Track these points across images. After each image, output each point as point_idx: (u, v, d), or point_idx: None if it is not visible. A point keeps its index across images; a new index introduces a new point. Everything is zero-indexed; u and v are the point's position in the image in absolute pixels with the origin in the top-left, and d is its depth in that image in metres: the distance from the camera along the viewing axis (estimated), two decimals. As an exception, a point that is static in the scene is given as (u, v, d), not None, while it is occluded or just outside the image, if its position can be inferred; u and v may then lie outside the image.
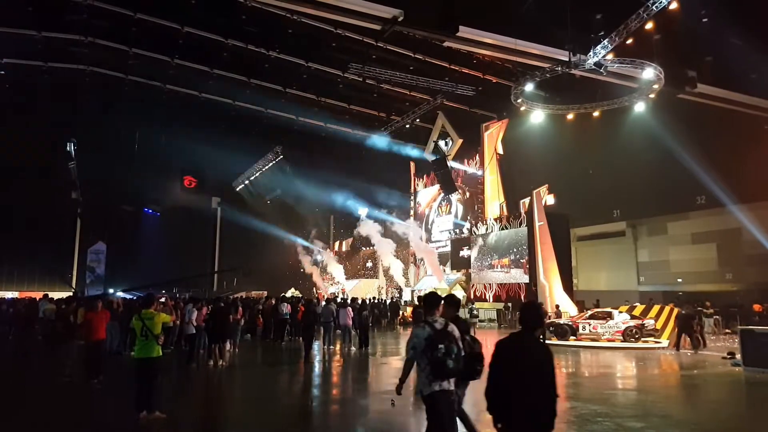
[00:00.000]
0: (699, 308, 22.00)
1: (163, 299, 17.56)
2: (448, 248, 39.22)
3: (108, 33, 29.65)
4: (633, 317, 20.48)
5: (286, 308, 20.88)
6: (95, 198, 44.02)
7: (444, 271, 37.96)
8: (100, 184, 42.19)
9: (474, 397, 6.66)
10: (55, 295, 25.75)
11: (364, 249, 46.49)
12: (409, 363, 5.63)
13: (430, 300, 5.82)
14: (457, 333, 5.58)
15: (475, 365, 6.21)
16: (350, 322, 18.82)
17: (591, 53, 23.02)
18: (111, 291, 38.52)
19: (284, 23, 26.43)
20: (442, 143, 39.68)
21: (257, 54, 29.98)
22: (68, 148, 39.97)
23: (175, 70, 32.58)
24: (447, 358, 5.36)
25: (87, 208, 45.44)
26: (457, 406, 6.19)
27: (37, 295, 26.38)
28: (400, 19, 22.62)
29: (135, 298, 22.52)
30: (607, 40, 22.43)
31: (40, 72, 32.77)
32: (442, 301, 6.03)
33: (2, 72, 32.15)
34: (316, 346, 18.19)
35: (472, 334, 7.18)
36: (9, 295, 38.86)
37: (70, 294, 31.42)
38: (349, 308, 19.17)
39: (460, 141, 39.27)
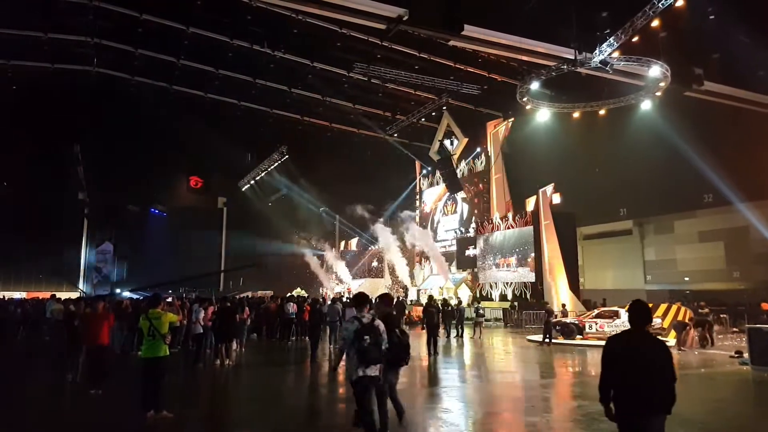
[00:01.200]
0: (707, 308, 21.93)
1: (169, 299, 17.64)
2: (454, 247, 39.18)
3: (114, 34, 29.80)
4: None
5: (292, 308, 20.89)
6: (102, 199, 44.24)
7: (450, 270, 37.91)
8: (106, 185, 42.39)
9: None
10: (63, 295, 25.89)
11: (370, 248, 46.48)
12: (340, 351, 6.72)
13: (358, 299, 6.89)
14: (382, 327, 6.51)
15: (403, 354, 7.27)
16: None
17: (597, 51, 22.94)
18: (118, 291, 38.73)
19: (289, 23, 26.52)
20: (447, 142, 39.63)
21: (262, 54, 30.07)
22: (75, 149, 40.20)
23: (181, 70, 32.74)
24: (371, 347, 6.30)
25: (94, 209, 45.67)
26: (390, 390, 7.22)
27: (45, 295, 26.56)
28: (405, 18, 22.59)
29: (142, 298, 22.62)
30: (613, 38, 22.34)
31: (47, 73, 32.96)
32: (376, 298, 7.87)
33: (9, 74, 32.32)
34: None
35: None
36: (17, 295, 39.08)
37: (79, 294, 31.60)
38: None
39: (466, 140, 39.24)
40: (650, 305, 16.47)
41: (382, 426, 6.90)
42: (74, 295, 32.73)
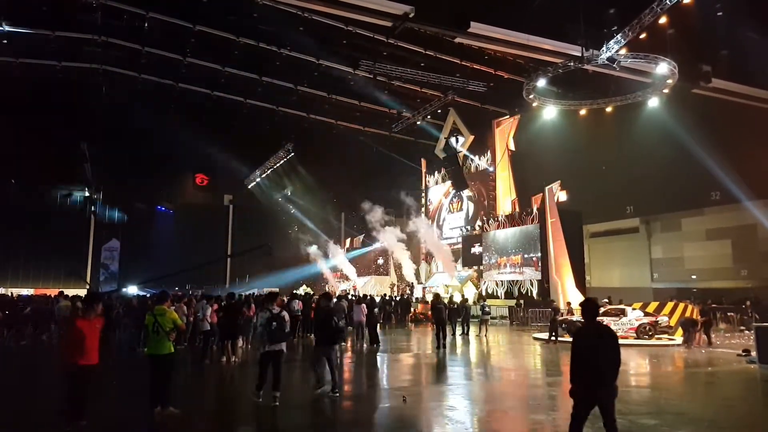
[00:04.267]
0: (713, 305, 21.85)
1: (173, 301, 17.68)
2: (460, 245, 39.13)
3: (121, 32, 29.87)
4: (646, 314, 20.32)
5: (297, 305, 20.90)
6: (109, 196, 44.47)
7: (455, 267, 37.89)
8: (113, 183, 42.61)
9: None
10: (70, 292, 25.99)
11: (375, 246, 46.50)
12: (259, 336, 9.31)
13: (269, 296, 9.84)
14: (287, 316, 9.09)
15: (336, 337, 10.06)
16: (364, 319, 18.78)
17: (604, 48, 22.83)
18: (124, 290, 38.90)
19: (295, 21, 26.46)
20: (453, 140, 39.55)
21: (269, 52, 30.07)
22: (82, 147, 40.39)
23: (187, 68, 32.78)
24: (276, 330, 8.85)
25: (101, 206, 45.90)
26: (329, 362, 9.92)
27: (53, 292, 26.70)
28: (411, 15, 22.58)
29: (149, 295, 22.75)
30: (620, 34, 22.23)
31: (55, 71, 33.09)
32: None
33: (17, 72, 32.42)
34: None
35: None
36: (24, 292, 39.33)
37: (87, 290, 31.71)
38: (364, 305, 19.13)
39: (472, 137, 39.16)
40: (656, 303, 16.53)
41: (318, 381, 9.83)
42: (82, 291, 32.89)
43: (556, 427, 7.97)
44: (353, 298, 25.49)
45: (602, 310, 21.41)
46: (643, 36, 22.36)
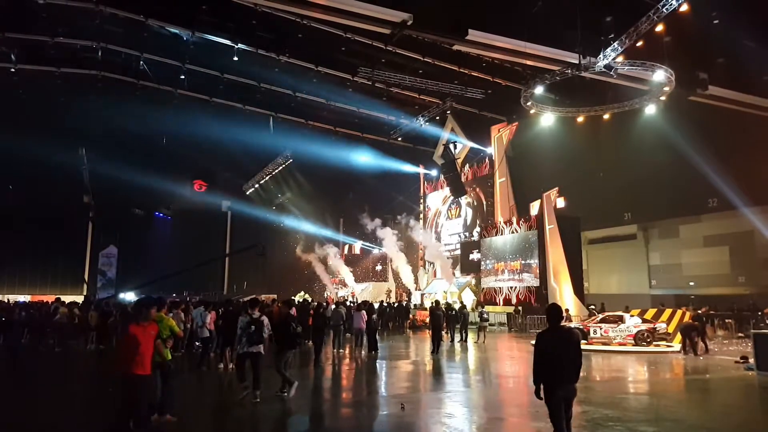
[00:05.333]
0: (711, 311, 21.77)
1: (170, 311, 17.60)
2: (458, 251, 39.13)
3: (119, 39, 29.91)
4: (644, 321, 20.33)
5: (292, 312, 20.82)
6: (107, 202, 44.39)
7: (454, 274, 37.87)
8: (111, 189, 42.53)
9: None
10: (68, 298, 25.93)
11: (373, 252, 46.50)
12: (239, 339, 9.92)
13: (251, 301, 10.49)
14: (266, 321, 9.89)
15: (292, 341, 10.68)
16: (364, 326, 18.73)
17: (601, 55, 22.92)
18: (122, 296, 38.81)
19: (294, 28, 26.52)
20: (451, 146, 39.64)
21: (267, 59, 30.11)
22: (80, 153, 40.36)
23: (186, 74, 32.81)
24: (255, 333, 9.61)
25: (99, 212, 45.83)
26: (284, 364, 10.44)
27: (49, 298, 26.62)
28: (410, 22, 22.65)
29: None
30: (617, 42, 22.34)
31: (53, 77, 33.10)
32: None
33: (15, 78, 32.44)
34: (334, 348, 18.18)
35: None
36: (21, 298, 39.21)
37: (87, 296, 31.61)
38: (363, 312, 19.09)
39: (470, 144, 39.23)
40: (654, 310, 16.61)
41: (284, 384, 10.22)
42: (79, 298, 32.85)
43: (555, 435, 7.96)
44: (352, 304, 25.46)
45: (600, 316, 21.48)
46: (640, 44, 22.47)
